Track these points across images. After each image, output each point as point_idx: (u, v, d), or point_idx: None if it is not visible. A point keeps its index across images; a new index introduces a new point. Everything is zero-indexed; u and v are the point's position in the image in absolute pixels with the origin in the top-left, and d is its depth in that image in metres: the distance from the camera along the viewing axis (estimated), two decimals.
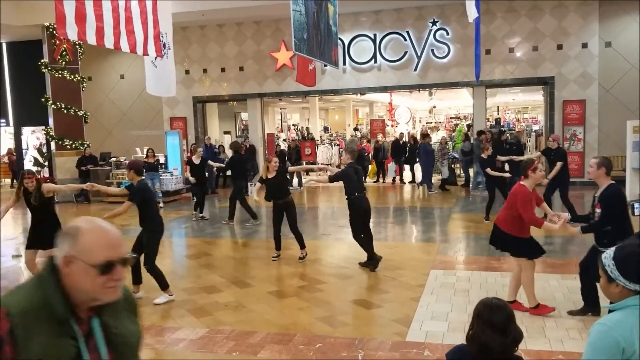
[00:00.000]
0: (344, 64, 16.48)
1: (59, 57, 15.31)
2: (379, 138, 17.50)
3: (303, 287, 6.71)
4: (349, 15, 16.16)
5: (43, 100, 15.55)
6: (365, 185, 8.56)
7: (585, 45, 14.91)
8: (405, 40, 16.20)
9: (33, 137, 20.09)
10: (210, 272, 7.59)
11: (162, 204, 13.78)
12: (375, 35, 16.43)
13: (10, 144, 20.80)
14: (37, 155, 16.86)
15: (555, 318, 5.31)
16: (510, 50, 15.52)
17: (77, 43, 15.03)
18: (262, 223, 11.04)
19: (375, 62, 16.51)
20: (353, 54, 16.64)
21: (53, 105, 15.46)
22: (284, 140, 19.83)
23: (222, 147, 18.38)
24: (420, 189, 15.50)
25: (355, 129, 25.10)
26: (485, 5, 14.72)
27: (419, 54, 16.10)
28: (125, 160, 16.26)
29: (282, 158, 15.31)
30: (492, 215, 9.62)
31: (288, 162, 15.54)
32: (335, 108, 30.78)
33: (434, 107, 27.04)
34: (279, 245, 8.03)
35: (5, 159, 21.22)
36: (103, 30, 6.63)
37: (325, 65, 13.32)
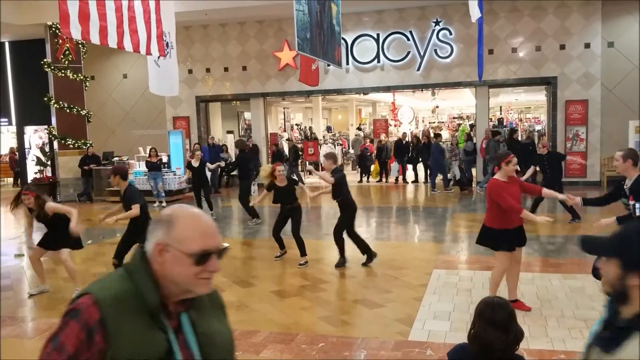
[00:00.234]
0: (347, 64, 16.46)
1: (62, 56, 15.33)
2: (382, 138, 17.51)
3: (305, 286, 6.72)
4: (352, 15, 16.16)
5: (46, 100, 15.56)
6: (369, 185, 8.59)
7: (588, 46, 14.89)
8: (408, 40, 16.20)
9: (36, 136, 20.12)
10: None
11: (164, 204, 13.80)
12: (378, 35, 16.43)
13: (13, 143, 20.83)
14: (39, 155, 16.89)
15: (557, 318, 5.30)
16: (513, 50, 15.50)
17: (80, 42, 15.05)
18: (264, 222, 11.04)
19: (378, 61, 16.51)
20: (356, 54, 16.63)
21: (56, 105, 15.48)
22: (287, 140, 19.80)
23: (225, 146, 18.39)
24: (427, 187, 15.58)
25: (358, 129, 25.09)
26: (488, 5, 14.69)
27: (422, 54, 16.09)
28: (128, 160, 16.30)
29: (279, 157, 15.34)
30: None
31: (286, 163, 15.53)
32: (338, 108, 30.76)
33: (437, 107, 26.98)
34: (282, 245, 8.03)
35: (7, 159, 21.28)
36: (106, 30, 6.67)
37: (328, 65, 13.35)
